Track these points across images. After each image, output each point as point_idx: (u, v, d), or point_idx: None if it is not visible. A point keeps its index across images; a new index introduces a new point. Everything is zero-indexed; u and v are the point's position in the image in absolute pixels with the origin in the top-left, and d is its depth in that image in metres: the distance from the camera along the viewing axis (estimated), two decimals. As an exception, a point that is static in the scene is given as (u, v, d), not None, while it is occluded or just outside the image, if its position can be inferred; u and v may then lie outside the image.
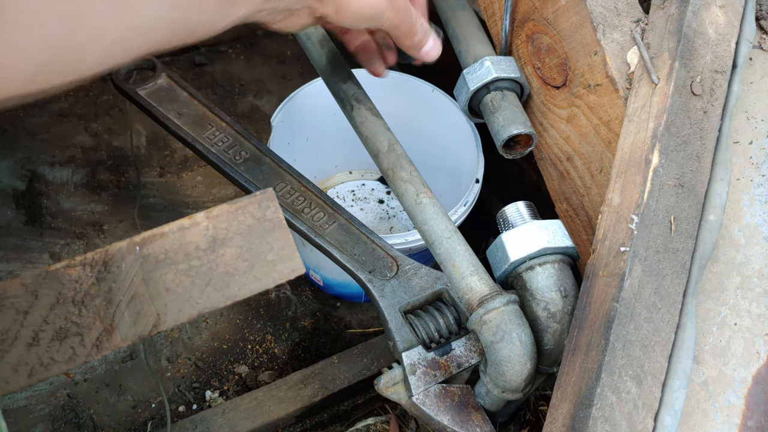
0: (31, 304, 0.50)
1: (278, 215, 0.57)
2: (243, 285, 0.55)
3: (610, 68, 0.72)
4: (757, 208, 0.68)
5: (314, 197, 0.85)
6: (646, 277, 0.61)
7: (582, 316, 0.63)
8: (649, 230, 0.62)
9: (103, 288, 0.52)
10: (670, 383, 0.58)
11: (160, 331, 0.53)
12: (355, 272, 0.80)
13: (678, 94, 0.67)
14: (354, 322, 1.13)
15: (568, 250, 0.69)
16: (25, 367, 0.50)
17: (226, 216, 0.56)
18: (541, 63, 0.81)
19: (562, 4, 0.76)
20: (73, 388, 0.98)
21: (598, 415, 0.55)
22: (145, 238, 0.54)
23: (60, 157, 1.22)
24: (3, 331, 0.49)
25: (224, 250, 0.55)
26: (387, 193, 1.26)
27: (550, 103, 0.81)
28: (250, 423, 0.88)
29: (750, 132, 0.71)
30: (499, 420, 0.85)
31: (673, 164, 0.65)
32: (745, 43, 0.72)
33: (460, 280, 0.70)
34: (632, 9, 0.76)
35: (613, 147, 0.73)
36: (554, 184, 0.84)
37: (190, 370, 1.03)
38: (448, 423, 0.70)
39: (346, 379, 0.93)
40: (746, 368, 0.62)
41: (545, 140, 0.83)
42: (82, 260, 0.52)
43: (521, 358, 0.66)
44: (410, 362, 0.72)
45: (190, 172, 1.25)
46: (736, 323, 0.64)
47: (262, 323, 1.09)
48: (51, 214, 1.15)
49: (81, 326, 0.51)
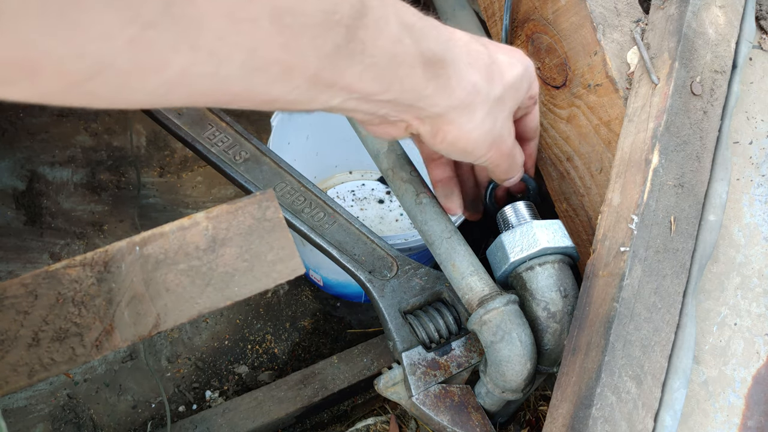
0: (31, 304, 0.50)
1: (278, 215, 0.57)
2: (243, 285, 0.55)
3: (610, 68, 0.72)
4: (757, 208, 0.68)
5: (314, 197, 0.85)
6: (646, 277, 0.61)
7: (582, 316, 0.63)
8: (649, 230, 0.62)
9: (103, 288, 0.52)
10: (670, 383, 0.58)
11: (160, 331, 0.53)
12: (355, 272, 0.80)
13: (678, 94, 0.67)
14: (354, 322, 1.13)
15: (568, 250, 0.69)
16: (25, 367, 0.50)
17: (226, 216, 0.56)
18: (541, 63, 0.81)
19: (562, 4, 0.76)
20: (73, 388, 0.98)
21: (598, 415, 0.55)
22: (145, 238, 0.54)
23: (60, 157, 1.22)
24: (3, 331, 0.49)
25: (224, 250, 0.55)
26: (387, 193, 1.26)
27: (550, 103, 0.81)
28: (250, 423, 0.88)
29: (750, 132, 0.71)
30: (499, 420, 0.84)
31: (673, 164, 0.65)
32: (745, 43, 0.72)
33: (460, 280, 0.70)
34: (632, 9, 0.76)
35: (613, 147, 0.73)
36: (554, 184, 0.84)
37: (190, 370, 1.03)
38: (448, 423, 0.70)
39: (346, 379, 0.93)
40: (746, 368, 0.62)
41: (545, 140, 0.83)
42: (82, 260, 0.52)
43: (521, 358, 0.66)
44: (410, 362, 0.72)
45: (190, 172, 1.25)
46: (736, 323, 0.64)
47: (262, 323, 1.09)
48: (51, 214, 1.15)
49: (81, 326, 0.51)
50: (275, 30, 0.38)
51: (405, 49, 0.47)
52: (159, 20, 0.33)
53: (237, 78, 0.39)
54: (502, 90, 0.57)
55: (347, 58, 0.43)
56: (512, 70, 0.58)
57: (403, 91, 0.49)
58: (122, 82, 0.34)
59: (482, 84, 0.55)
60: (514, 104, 0.60)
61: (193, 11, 0.34)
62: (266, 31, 0.38)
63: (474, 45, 0.56)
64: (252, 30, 0.37)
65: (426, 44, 0.49)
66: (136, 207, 1.16)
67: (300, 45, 0.40)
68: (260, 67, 0.39)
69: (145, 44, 0.33)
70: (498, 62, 0.57)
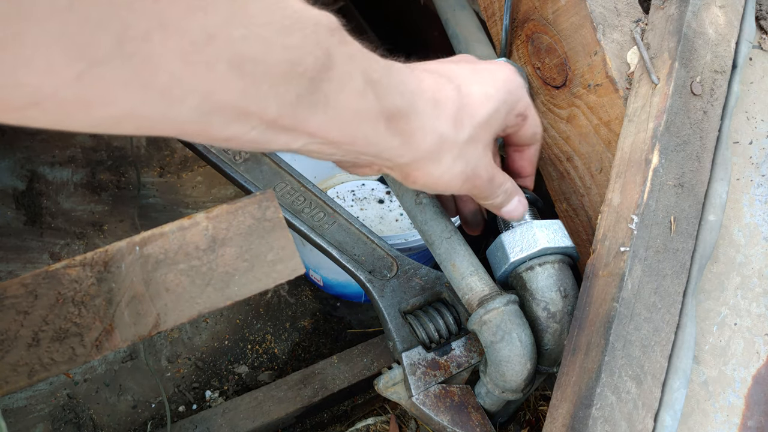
0: (31, 304, 0.50)
1: (278, 215, 0.57)
2: (243, 285, 0.55)
3: (610, 68, 0.72)
4: (757, 208, 0.68)
5: (314, 197, 0.85)
6: (646, 277, 0.61)
7: (582, 316, 0.63)
8: (649, 230, 0.62)
9: (103, 288, 0.52)
10: (670, 383, 0.58)
11: (160, 331, 0.53)
12: (355, 272, 0.80)
13: (678, 94, 0.67)
14: (354, 322, 1.13)
15: (568, 250, 0.69)
16: (25, 367, 0.50)
17: (226, 216, 0.56)
18: (541, 63, 0.81)
19: (562, 4, 0.76)
20: (73, 388, 0.98)
21: (598, 415, 0.55)
22: (145, 238, 0.54)
23: (60, 157, 1.22)
24: (3, 331, 0.49)
25: (224, 250, 0.55)
26: (387, 193, 1.26)
27: (550, 103, 0.81)
28: (250, 423, 0.88)
29: (750, 132, 0.71)
30: (499, 420, 0.84)
31: (673, 164, 0.65)
32: (745, 43, 0.72)
33: (460, 280, 0.70)
34: (632, 9, 0.76)
35: (613, 147, 0.73)
36: (554, 184, 0.84)
37: (190, 370, 1.03)
38: (448, 423, 0.70)
39: (346, 379, 0.93)
40: (746, 368, 0.62)
41: (545, 140, 0.83)
42: (82, 260, 0.52)
43: (521, 358, 0.66)
44: (410, 362, 0.72)
45: (190, 172, 1.25)
46: (736, 323, 0.64)
47: (262, 323, 1.09)
48: (51, 214, 1.15)
49: (81, 326, 0.51)
50: (234, 76, 0.37)
51: (368, 104, 0.46)
52: (109, 58, 0.32)
53: (190, 118, 0.38)
54: (471, 131, 0.56)
55: (309, 108, 0.43)
56: (485, 107, 0.57)
57: (368, 144, 0.49)
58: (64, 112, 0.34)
59: (449, 132, 0.54)
60: (490, 136, 0.60)
61: (147, 50, 0.33)
62: (224, 76, 0.37)
63: (443, 90, 0.55)
64: (208, 74, 0.36)
65: (391, 100, 0.48)
66: (136, 207, 1.16)
67: (260, 92, 0.39)
68: (215, 110, 0.38)
69: (92, 80, 0.32)
70: (469, 102, 0.56)
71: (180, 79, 0.35)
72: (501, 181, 0.63)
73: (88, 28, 0.30)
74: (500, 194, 0.64)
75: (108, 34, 0.31)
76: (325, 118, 0.44)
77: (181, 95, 0.36)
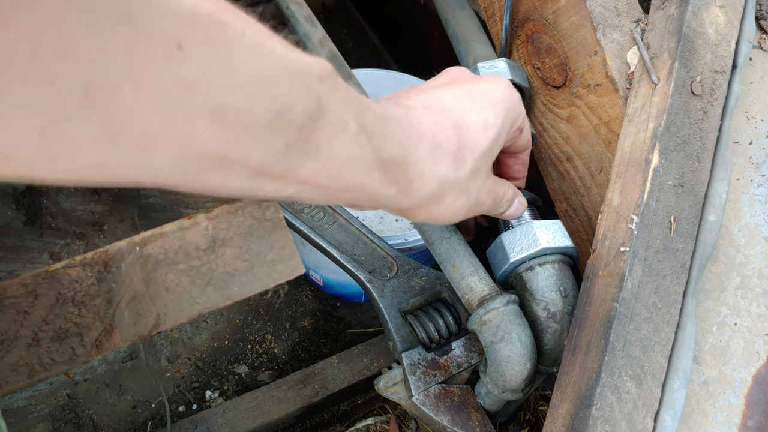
0: (31, 304, 0.50)
1: (278, 215, 0.57)
2: (243, 285, 0.55)
3: (610, 68, 0.72)
4: (757, 208, 0.68)
5: (314, 197, 0.85)
6: (646, 277, 0.61)
7: (582, 316, 0.63)
8: (649, 230, 0.62)
9: (103, 288, 0.52)
10: (670, 383, 0.58)
11: (160, 331, 0.53)
12: (355, 272, 0.80)
13: (678, 94, 0.67)
14: (354, 322, 1.13)
15: (568, 250, 0.69)
16: (25, 367, 0.50)
17: (226, 216, 0.56)
18: (541, 63, 0.81)
19: (562, 4, 0.76)
20: (73, 388, 0.98)
21: (598, 415, 0.55)
22: (145, 238, 0.54)
23: (60, 157, 1.22)
24: (3, 331, 0.49)
25: (224, 251, 0.55)
26: (387, 193, 1.26)
27: (550, 103, 0.81)
28: (250, 423, 0.88)
29: (750, 132, 0.71)
30: (499, 420, 0.84)
31: (673, 164, 0.65)
32: (745, 43, 0.72)
33: (460, 280, 0.70)
34: (632, 9, 0.76)
35: (613, 147, 0.73)
36: (554, 184, 0.84)
37: (190, 370, 1.03)
38: (448, 423, 0.70)
39: (346, 379, 0.93)
40: (746, 368, 0.62)
41: (545, 140, 0.83)
42: (82, 260, 0.52)
43: (521, 358, 0.66)
44: (410, 362, 0.72)
45: (190, 172, 1.25)
46: (736, 323, 0.64)
47: (262, 323, 1.09)
48: (51, 214, 1.15)
49: (81, 326, 0.51)
50: (215, 126, 0.35)
51: (363, 152, 0.45)
52: (75, 112, 0.30)
53: (167, 168, 0.35)
54: (473, 165, 0.55)
55: (299, 157, 0.41)
56: (485, 137, 0.56)
57: (362, 192, 0.47)
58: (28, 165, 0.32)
59: (450, 173, 0.53)
60: (492, 160, 0.59)
61: (117, 103, 0.31)
62: (204, 127, 0.34)
63: (443, 131, 0.53)
64: (186, 126, 0.34)
65: (387, 149, 0.47)
66: (136, 207, 1.16)
67: (244, 142, 0.37)
68: (195, 159, 0.36)
69: (57, 135, 0.30)
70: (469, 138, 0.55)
71: (155, 131, 0.33)
72: (503, 194, 0.63)
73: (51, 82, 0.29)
74: (503, 205, 0.65)
75: (72, 88, 0.29)
76: (316, 166, 0.42)
77: (157, 147, 0.34)
